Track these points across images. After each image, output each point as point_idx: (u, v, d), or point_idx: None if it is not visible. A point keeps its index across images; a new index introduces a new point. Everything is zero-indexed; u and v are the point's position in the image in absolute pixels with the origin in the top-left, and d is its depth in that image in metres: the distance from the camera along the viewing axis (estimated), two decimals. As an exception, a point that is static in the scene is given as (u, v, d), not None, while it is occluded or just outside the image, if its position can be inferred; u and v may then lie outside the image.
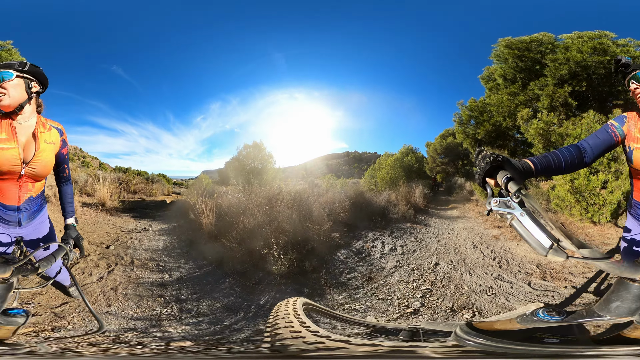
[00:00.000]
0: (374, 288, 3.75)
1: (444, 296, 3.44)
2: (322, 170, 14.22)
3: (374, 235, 5.87)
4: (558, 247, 1.00)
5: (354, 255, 4.85)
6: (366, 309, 3.28)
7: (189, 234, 6.04)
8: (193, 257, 5.15)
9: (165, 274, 4.54)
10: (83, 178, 10.49)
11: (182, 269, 4.77)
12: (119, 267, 4.58)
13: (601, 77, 8.55)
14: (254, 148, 9.89)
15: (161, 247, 5.62)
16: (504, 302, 3.22)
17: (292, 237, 4.81)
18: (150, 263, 4.88)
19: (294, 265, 4.23)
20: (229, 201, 6.39)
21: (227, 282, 4.28)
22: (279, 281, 3.91)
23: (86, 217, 7.64)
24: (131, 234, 6.32)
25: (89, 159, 19.31)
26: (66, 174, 2.17)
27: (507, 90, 9.63)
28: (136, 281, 4.21)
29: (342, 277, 4.04)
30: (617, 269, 1.02)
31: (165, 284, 4.24)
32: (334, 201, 7.14)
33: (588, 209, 5.75)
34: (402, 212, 8.31)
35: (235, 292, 4.02)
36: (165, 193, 12.61)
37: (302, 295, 3.70)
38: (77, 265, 4.49)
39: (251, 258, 4.69)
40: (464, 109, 9.68)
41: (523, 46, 9.27)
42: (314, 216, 5.72)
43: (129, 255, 5.06)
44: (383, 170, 10.50)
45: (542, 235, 1.01)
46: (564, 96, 8.97)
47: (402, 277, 3.95)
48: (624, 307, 1.10)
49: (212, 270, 4.68)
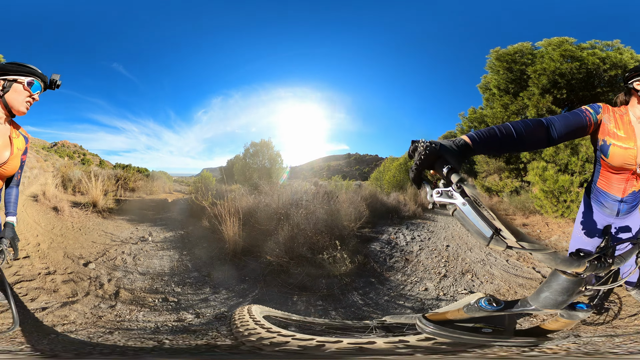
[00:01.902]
0: (414, 265, 3.95)
1: (456, 265, 3.87)
2: (324, 172, 12.49)
3: (393, 229, 5.70)
4: (499, 237, 0.84)
5: (386, 245, 4.75)
6: (420, 280, 3.51)
7: (205, 248, 3.94)
8: (222, 282, 3.16)
9: (185, 313, 2.52)
10: (77, 175, 7.97)
11: (214, 301, 2.80)
12: (89, 299, 2.51)
13: (580, 82, 7.64)
14: (262, 146, 7.90)
15: (167, 269, 3.43)
16: (489, 269, 3.66)
17: (335, 236, 3.97)
18: (151, 296, 2.76)
19: (353, 262, 3.70)
20: (248, 203, 4.31)
21: (296, 301, 2.92)
22: (346, 280, 3.39)
23: (73, 220, 5.33)
24: (124, 245, 4.11)
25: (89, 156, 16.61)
26: (17, 178, 1.89)
27: (500, 101, 8.85)
28: (112, 325, 2.15)
29: (388, 262, 4.04)
30: (552, 260, 0.89)
31: (193, 330, 2.21)
32: (353, 201, 6.13)
33: (558, 205, 5.40)
34: (412, 210, 7.59)
35: (322, 306, 2.87)
36: (166, 191, 10.17)
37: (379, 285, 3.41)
38: (28, 284, 2.74)
39: (301, 267, 3.30)
40: (465, 119, 8.77)
41: (509, 58, 8.82)
42: (342, 215, 4.89)
43: (114, 281, 2.91)
44: (389, 173, 9.20)
45: (484, 225, 0.84)
46: (547, 105, 8.14)
47: (427, 256, 4.25)
48: (550, 299, 0.97)
49: (264, 294, 2.91)
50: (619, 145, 1.46)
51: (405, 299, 3.06)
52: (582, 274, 0.93)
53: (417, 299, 3.05)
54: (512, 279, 3.41)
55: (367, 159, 19.96)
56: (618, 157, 1.47)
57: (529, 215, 6.29)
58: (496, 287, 3.26)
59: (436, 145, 0.93)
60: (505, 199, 7.39)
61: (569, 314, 1.02)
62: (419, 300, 3.02)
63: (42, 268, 3.09)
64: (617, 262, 0.98)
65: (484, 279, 3.46)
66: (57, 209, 5.45)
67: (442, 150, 0.93)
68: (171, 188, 10.83)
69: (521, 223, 6.05)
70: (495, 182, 8.55)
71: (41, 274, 2.93)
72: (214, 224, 3.86)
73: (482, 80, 8.63)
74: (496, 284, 3.31)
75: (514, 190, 7.81)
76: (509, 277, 3.46)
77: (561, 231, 5.31)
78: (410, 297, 3.09)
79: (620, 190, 1.58)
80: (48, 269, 3.10)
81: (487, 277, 3.48)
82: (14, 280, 2.70)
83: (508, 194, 7.56)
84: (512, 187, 7.96)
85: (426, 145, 0.93)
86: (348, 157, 21.15)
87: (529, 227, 5.80)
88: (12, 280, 2.71)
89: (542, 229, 5.59)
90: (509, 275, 3.49)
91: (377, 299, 3.05)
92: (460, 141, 1.01)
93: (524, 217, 6.33)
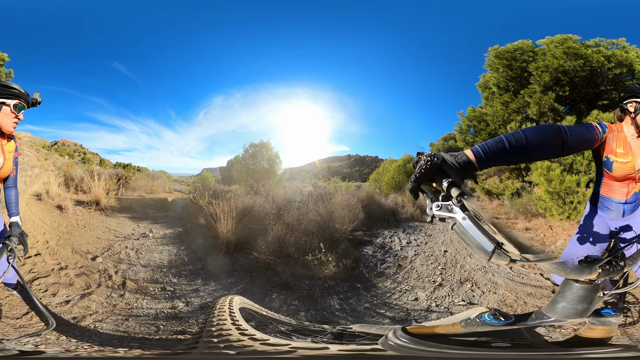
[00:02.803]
0: (406, 272, 3.84)
1: (454, 273, 3.71)
2: (324, 173, 12.73)
3: (389, 232, 5.62)
4: (501, 251, 0.84)
5: (379, 249, 4.68)
6: (411, 288, 3.39)
7: (201, 244, 4.30)
8: (213, 275, 3.48)
9: (178, 302, 2.86)
10: (79, 174, 8.38)
11: (203, 292, 3.12)
12: (102, 290, 2.86)
13: (583, 80, 7.69)
14: (261, 147, 8.22)
15: (166, 262, 3.80)
16: (491, 277, 3.49)
17: (325, 238, 4.13)
18: (152, 286, 3.13)
19: (339, 265, 3.73)
20: (244, 203, 4.67)
21: (274, 298, 3.09)
22: (330, 283, 3.44)
23: (77, 218, 5.70)
24: (127, 241, 4.47)
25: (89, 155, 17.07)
26: (14, 175, 2.02)
27: (500, 99, 8.85)
28: (126, 312, 2.51)
29: (379, 268, 3.97)
30: (561, 270, 0.90)
31: (180, 317, 2.57)
32: (349, 203, 6.27)
33: (564, 207, 5.29)
34: (410, 213, 7.50)
35: (295, 306, 3.01)
36: (166, 190, 10.55)
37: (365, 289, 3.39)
38: (45, 280, 3.01)
39: (287, 267, 3.47)
40: (464, 118, 8.81)
41: (509, 55, 8.43)
42: (335, 217, 5.01)
43: (121, 273, 3.29)
44: (388, 174, 9.27)
45: (485, 239, 0.85)
46: (549, 102, 8.19)
47: (423, 262, 4.13)
48: (569, 308, 0.96)
49: (247, 288, 3.19)
50: (619, 161, 1.67)
51: (389, 308, 2.97)
52: (596, 279, 0.93)
53: (402, 309, 2.94)
54: (518, 287, 3.20)
55: (367, 160, 20.16)
56: (620, 170, 1.68)
57: (532, 218, 6.21)
58: (501, 298, 3.04)
59: (438, 159, 0.94)
60: (506, 202, 7.35)
61: (600, 320, 1.02)
62: (404, 311, 2.90)
63: (54, 264, 3.39)
64: (629, 264, 0.99)
65: (485, 288, 3.24)
66: (61, 207, 5.79)
67: (443, 165, 0.95)
68: (171, 188, 11.23)
69: (523, 227, 5.96)
70: (495, 185, 8.51)
71: (54, 270, 3.23)
72: (209, 222, 4.22)
73: (481, 78, 8.71)
74: (500, 294, 3.10)
75: (515, 193, 7.79)
76: (515, 285, 3.25)
77: (566, 234, 5.16)
78: (394, 307, 2.99)
79: (624, 194, 1.77)
80: (60, 264, 3.41)
81: (490, 286, 3.28)
82: (31, 277, 2.98)
83: (509, 196, 7.54)
84: (513, 189, 7.87)
85: (427, 159, 0.95)
86: (348, 158, 21.37)
87: (532, 231, 5.66)
88: (29, 277, 2.97)
89: (546, 232, 5.45)
90: (514, 284, 3.28)
91: (356, 306, 3.00)
92: (463, 157, 0.98)
93: (526, 220, 6.25)
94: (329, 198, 5.36)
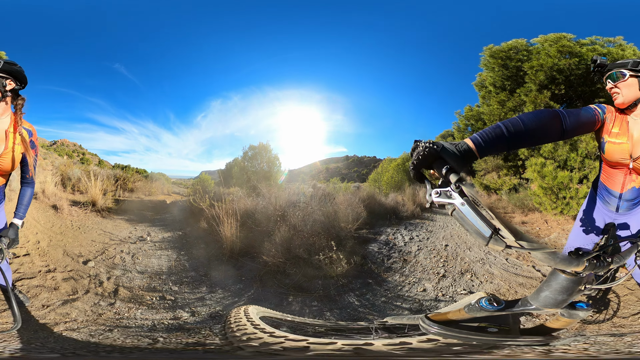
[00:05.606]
0: (412, 266, 3.92)
1: (455, 265, 3.84)
2: (323, 174, 12.52)
3: (392, 230, 5.69)
4: (497, 236, 0.84)
5: (384, 246, 4.74)
6: (418, 280, 3.49)
7: (203, 248, 4.01)
8: (219, 282, 3.21)
9: (181, 312, 2.58)
10: (76, 174, 8.04)
11: (210, 300, 2.84)
12: (89, 297, 2.57)
13: (579, 78, 7.62)
14: (260, 149, 8.00)
15: (165, 268, 3.50)
16: (488, 269, 3.63)
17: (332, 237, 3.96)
18: (149, 294, 2.82)
19: (350, 262, 3.70)
20: (246, 206, 4.38)
21: (291, 302, 2.93)
22: (343, 281, 3.40)
23: (72, 219, 5.39)
24: (123, 244, 4.17)
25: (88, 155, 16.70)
26: (29, 176, 1.83)
27: (497, 98, 8.77)
28: (112, 323, 2.22)
29: (386, 263, 4.05)
30: (551, 259, 0.89)
31: (187, 328, 2.28)
32: (351, 203, 6.16)
33: (557, 202, 5.30)
34: (410, 210, 7.53)
35: (317, 307, 2.88)
36: (165, 192, 10.23)
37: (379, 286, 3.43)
38: (29, 282, 2.76)
39: (298, 268, 3.30)
40: (461, 117, 8.71)
41: (504, 55, 8.54)
42: (339, 217, 4.92)
43: (114, 279, 2.98)
44: (387, 174, 9.14)
45: (483, 225, 0.84)
46: (545, 101, 8.10)
47: (426, 255, 4.23)
48: (550, 298, 0.97)
49: (259, 294, 2.95)
50: (612, 141, 1.51)
51: (403, 300, 3.05)
52: (582, 273, 0.92)
53: (415, 300, 3.03)
54: (512, 278, 3.36)
55: (365, 161, 19.83)
56: (612, 152, 1.52)
57: (528, 212, 6.29)
58: (496, 287, 3.21)
59: (437, 147, 0.91)
60: (504, 196, 7.41)
61: (569, 313, 1.01)
62: (416, 302, 3.00)
63: (42, 266, 3.14)
64: (617, 261, 0.97)
65: (483, 278, 3.41)
66: (57, 207, 5.50)
67: (443, 153, 0.91)
68: (170, 190, 10.90)
69: (520, 221, 6.05)
70: (493, 180, 8.52)
71: (41, 272, 2.97)
72: (212, 225, 3.92)
73: (478, 78, 8.60)
74: (496, 284, 3.27)
75: (513, 188, 7.80)
76: (509, 276, 3.41)
77: (560, 228, 5.29)
78: (408, 298, 3.06)
79: (620, 185, 1.61)
80: (48, 266, 3.15)
81: (487, 276, 3.44)
82: (15, 278, 2.74)
83: (506, 191, 7.57)
84: (511, 185, 7.93)
85: (425, 145, 0.91)
86: (346, 159, 20.93)
87: (528, 224, 5.81)
88: (13, 277, 2.69)
89: (542, 226, 5.61)
90: (508, 275, 3.44)
91: (374, 300, 3.02)
92: (464, 146, 0.95)
93: (523, 214, 6.33)
94: (332, 198, 5.14)
